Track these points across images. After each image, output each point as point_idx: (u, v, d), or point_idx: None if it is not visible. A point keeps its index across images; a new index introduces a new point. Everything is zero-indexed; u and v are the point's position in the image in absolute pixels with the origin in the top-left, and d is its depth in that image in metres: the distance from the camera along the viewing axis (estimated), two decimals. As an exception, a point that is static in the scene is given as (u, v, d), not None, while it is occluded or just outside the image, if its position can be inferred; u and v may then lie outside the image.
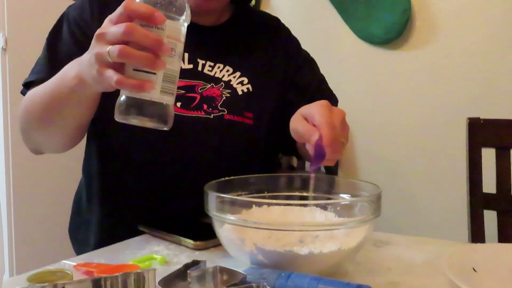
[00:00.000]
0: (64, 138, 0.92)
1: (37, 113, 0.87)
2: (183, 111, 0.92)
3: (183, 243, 0.78)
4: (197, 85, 0.96)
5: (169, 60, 0.62)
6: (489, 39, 1.75)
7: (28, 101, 0.89)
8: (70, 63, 0.76)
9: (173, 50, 0.62)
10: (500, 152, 1.22)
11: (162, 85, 0.62)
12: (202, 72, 0.97)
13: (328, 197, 0.78)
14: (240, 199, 0.70)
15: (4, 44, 1.76)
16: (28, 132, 0.93)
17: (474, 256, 0.67)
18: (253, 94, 1.00)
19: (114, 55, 0.59)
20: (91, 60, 0.64)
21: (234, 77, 1.00)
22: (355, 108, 2.00)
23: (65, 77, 0.75)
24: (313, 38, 2.07)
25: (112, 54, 0.60)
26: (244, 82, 1.00)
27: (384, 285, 0.63)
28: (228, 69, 1.00)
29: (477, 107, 1.74)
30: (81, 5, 0.97)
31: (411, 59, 1.89)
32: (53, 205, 1.83)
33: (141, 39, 0.59)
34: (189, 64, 0.96)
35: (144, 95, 0.61)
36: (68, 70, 0.76)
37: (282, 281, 0.56)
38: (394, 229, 0.88)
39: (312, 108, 0.72)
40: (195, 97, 0.95)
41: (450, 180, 1.82)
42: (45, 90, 0.83)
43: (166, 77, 0.62)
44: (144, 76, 0.61)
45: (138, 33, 0.59)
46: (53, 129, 0.89)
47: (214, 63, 0.99)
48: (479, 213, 1.20)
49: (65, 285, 0.47)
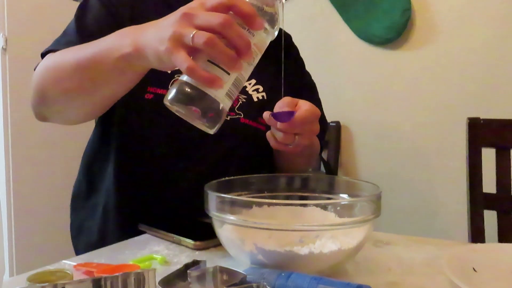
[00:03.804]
0: (87, 111, 0.85)
1: (66, 81, 0.77)
2: None
3: (183, 243, 0.78)
4: None
5: (245, 66, 0.60)
6: (489, 39, 1.75)
7: (53, 65, 0.80)
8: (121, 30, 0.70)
9: (253, 59, 0.60)
10: (500, 152, 1.22)
11: (230, 87, 0.59)
12: None
13: (328, 197, 0.78)
14: (240, 199, 0.70)
15: (4, 44, 1.76)
16: (45, 98, 0.83)
17: (474, 256, 0.67)
18: (267, 103, 1.01)
19: (200, 42, 0.55)
20: (165, 35, 0.58)
21: (250, 84, 1.02)
22: (355, 108, 2.01)
23: (115, 44, 0.69)
24: (313, 38, 2.07)
25: (197, 40, 0.55)
26: (260, 90, 1.02)
27: (384, 285, 0.63)
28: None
29: (477, 107, 1.74)
30: None
31: (411, 59, 1.89)
32: (53, 205, 1.83)
33: (234, 37, 0.56)
34: None
35: (210, 91, 0.57)
36: (119, 37, 0.69)
37: (282, 281, 0.56)
38: (394, 229, 0.88)
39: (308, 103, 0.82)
40: None
41: (450, 180, 1.82)
42: (79, 56, 0.75)
43: (236, 81, 0.60)
44: (217, 72, 0.57)
45: (234, 30, 0.56)
46: (81, 100, 0.80)
47: None
48: (479, 213, 1.20)
49: (65, 285, 0.47)
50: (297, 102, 0.84)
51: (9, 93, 1.78)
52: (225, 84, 0.58)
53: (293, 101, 0.84)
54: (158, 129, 0.92)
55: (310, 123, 0.82)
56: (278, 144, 0.83)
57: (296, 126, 0.79)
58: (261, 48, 0.62)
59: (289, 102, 0.83)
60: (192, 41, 0.56)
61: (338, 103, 1.99)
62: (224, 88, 0.58)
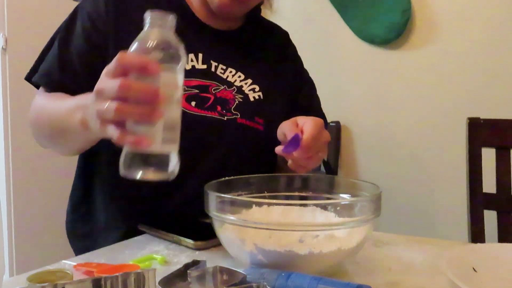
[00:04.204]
0: (75, 149, 0.96)
1: (46, 132, 0.90)
2: (197, 110, 0.93)
3: (183, 243, 0.78)
4: (211, 86, 0.96)
5: (168, 108, 0.61)
6: (489, 39, 1.75)
7: (36, 115, 0.91)
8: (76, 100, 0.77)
9: (171, 98, 0.61)
10: (500, 152, 1.22)
11: (162, 134, 0.61)
12: (215, 73, 0.98)
13: (328, 197, 0.78)
14: (240, 199, 0.70)
15: (4, 44, 1.76)
16: (38, 137, 0.96)
17: (474, 256, 0.67)
18: (264, 102, 1.01)
19: (110, 115, 0.59)
20: (93, 115, 0.63)
21: (246, 84, 1.01)
22: (355, 108, 2.01)
23: (71, 118, 0.76)
24: (313, 38, 2.07)
25: (108, 115, 0.59)
26: (256, 89, 1.02)
27: (384, 285, 0.63)
28: (240, 75, 1.01)
29: (477, 107, 1.74)
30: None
31: (411, 59, 1.89)
32: (53, 205, 1.83)
33: (136, 94, 0.57)
34: (203, 65, 0.97)
35: (145, 149, 0.60)
36: (73, 110, 0.76)
37: (282, 281, 0.56)
38: (394, 229, 0.88)
39: (306, 119, 0.82)
40: (209, 97, 0.95)
41: (450, 180, 1.82)
42: (51, 117, 0.85)
43: (167, 125, 0.61)
44: (143, 130, 0.59)
45: (133, 89, 0.57)
46: (62, 146, 0.94)
47: (226, 67, 1.00)
48: (479, 213, 1.20)
49: (65, 285, 0.47)
50: (296, 122, 0.84)
51: (9, 93, 1.78)
52: (156, 135, 0.60)
53: (293, 123, 0.83)
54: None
55: (319, 137, 0.81)
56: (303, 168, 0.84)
57: (310, 147, 0.78)
58: (176, 83, 0.62)
59: (290, 126, 0.82)
60: (107, 115, 0.59)
61: (338, 103, 1.99)
62: (156, 138, 0.60)
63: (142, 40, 0.61)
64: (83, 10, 0.95)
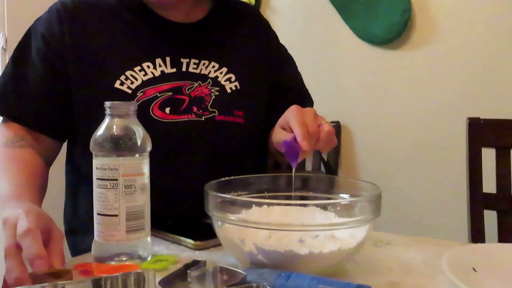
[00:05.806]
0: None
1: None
2: (173, 116, 0.91)
3: (183, 243, 0.78)
4: (184, 85, 0.94)
5: (129, 198, 0.64)
6: (489, 39, 1.75)
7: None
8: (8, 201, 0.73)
9: (131, 187, 0.64)
10: (500, 152, 1.22)
11: (126, 225, 0.64)
12: (187, 72, 0.95)
13: (328, 197, 0.78)
14: (240, 199, 0.70)
15: (4, 44, 1.76)
16: None
17: (474, 256, 0.67)
18: (242, 92, 0.99)
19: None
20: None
21: (221, 73, 0.98)
22: (355, 108, 2.01)
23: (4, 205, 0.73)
24: (313, 38, 2.07)
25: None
26: (232, 79, 0.99)
27: (384, 285, 0.63)
28: (214, 65, 0.98)
29: (477, 107, 1.74)
30: (49, 19, 0.94)
31: (411, 59, 1.89)
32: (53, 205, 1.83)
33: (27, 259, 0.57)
34: (172, 68, 0.94)
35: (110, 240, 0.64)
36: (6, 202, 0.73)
37: (282, 281, 0.56)
38: (394, 229, 0.88)
39: (286, 116, 0.79)
40: (184, 99, 0.93)
41: (450, 180, 1.82)
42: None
43: (130, 215, 0.64)
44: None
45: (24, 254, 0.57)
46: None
47: (199, 60, 0.97)
48: (479, 213, 1.20)
49: (65, 285, 0.47)
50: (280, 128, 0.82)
51: (9, 93, 1.78)
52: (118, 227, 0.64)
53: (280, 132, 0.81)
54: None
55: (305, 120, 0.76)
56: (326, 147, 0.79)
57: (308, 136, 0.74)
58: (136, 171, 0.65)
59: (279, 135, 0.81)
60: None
61: (338, 103, 1.99)
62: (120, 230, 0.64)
63: (102, 131, 0.65)
64: (36, 30, 0.94)
